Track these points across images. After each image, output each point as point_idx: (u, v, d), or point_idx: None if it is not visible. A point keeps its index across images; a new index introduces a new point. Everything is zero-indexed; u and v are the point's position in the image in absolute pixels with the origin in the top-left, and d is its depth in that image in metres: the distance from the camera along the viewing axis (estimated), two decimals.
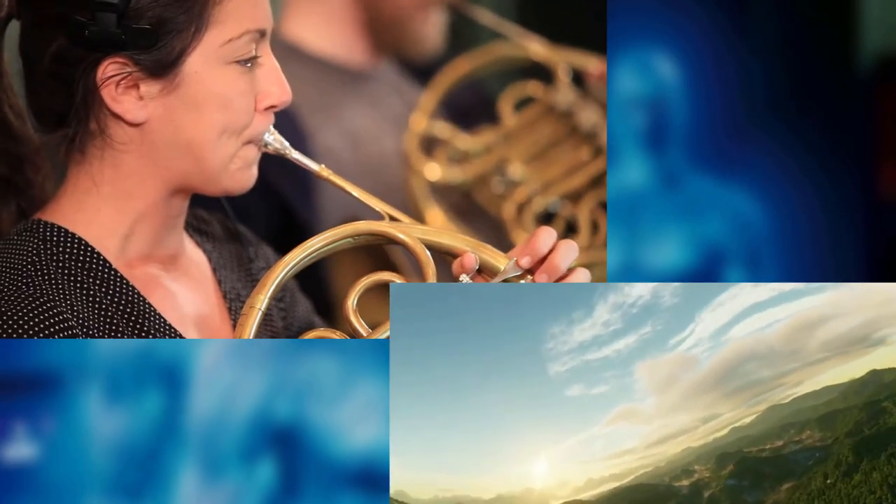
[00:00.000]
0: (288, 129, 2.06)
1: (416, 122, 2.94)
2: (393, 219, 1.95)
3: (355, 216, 2.00)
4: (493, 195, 2.92)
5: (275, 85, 1.97)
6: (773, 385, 1.95)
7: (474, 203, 2.94)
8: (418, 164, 2.91)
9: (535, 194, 2.90)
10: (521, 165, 2.91)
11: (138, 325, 1.94)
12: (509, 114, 2.96)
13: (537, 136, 2.93)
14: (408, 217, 1.95)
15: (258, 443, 1.83)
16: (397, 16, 3.00)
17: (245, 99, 1.94)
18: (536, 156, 2.92)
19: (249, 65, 1.95)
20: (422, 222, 2.75)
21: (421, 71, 3.17)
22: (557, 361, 1.93)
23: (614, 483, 1.93)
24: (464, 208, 2.94)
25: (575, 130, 2.92)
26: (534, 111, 2.95)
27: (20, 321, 1.86)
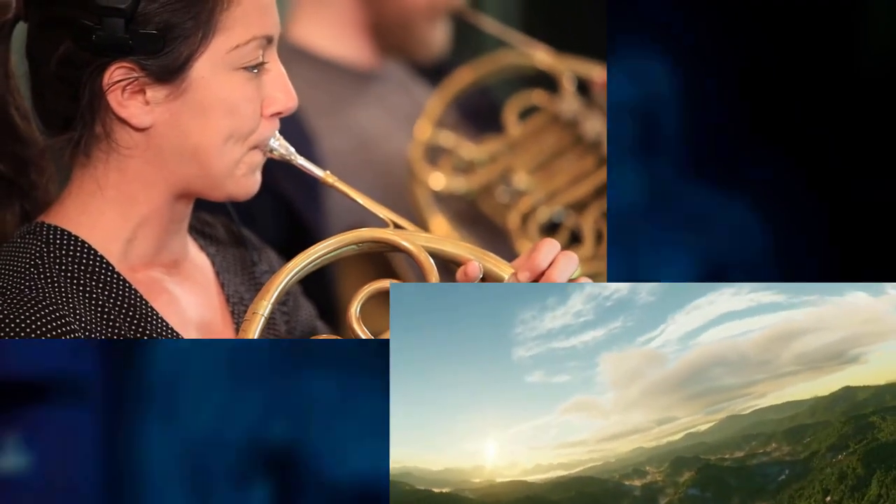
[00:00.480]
0: (295, 131, 2.06)
1: (421, 130, 2.94)
2: (397, 226, 1.95)
3: (361, 222, 2.00)
4: (497, 204, 2.92)
5: (281, 91, 1.97)
6: (736, 394, 1.94)
7: (479, 212, 2.94)
8: (422, 174, 2.91)
9: (540, 204, 2.90)
10: (526, 175, 2.91)
11: (141, 329, 1.94)
12: (514, 123, 2.96)
13: (542, 146, 2.93)
14: (412, 225, 1.95)
15: (254, 461, 1.84)
16: (403, 19, 3.01)
17: (251, 105, 1.94)
18: (541, 165, 2.92)
19: (256, 71, 1.95)
20: (426, 231, 2.76)
21: (427, 73, 3.17)
22: (523, 346, 1.93)
23: (562, 471, 1.92)
24: (468, 217, 2.94)
25: (580, 140, 2.92)
26: (538, 120, 2.95)
27: (22, 324, 1.86)
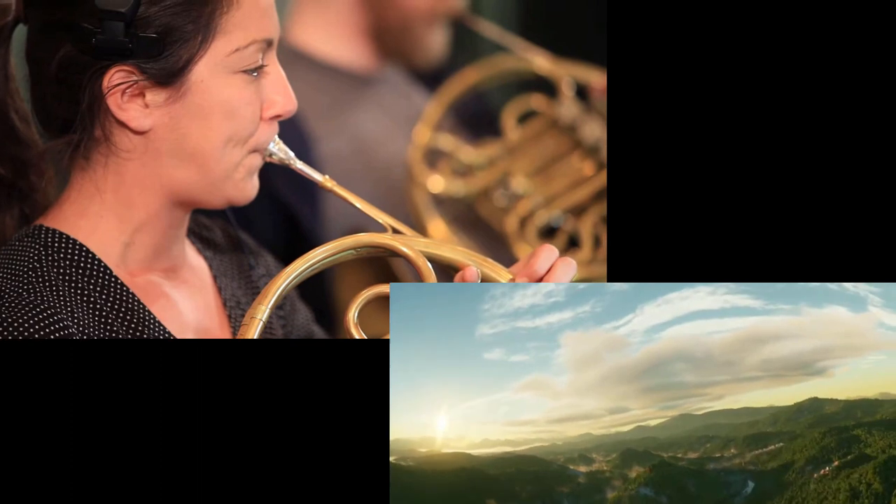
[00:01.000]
0: (295, 134, 2.06)
1: (421, 134, 2.94)
2: (396, 231, 1.95)
3: (358, 226, 2.01)
4: (495, 208, 2.92)
5: (280, 94, 1.97)
6: (692, 392, 1.92)
7: (477, 215, 2.94)
8: (421, 177, 2.91)
9: (538, 208, 2.90)
10: (525, 179, 2.91)
11: (138, 333, 1.94)
12: (513, 127, 2.96)
13: (541, 150, 2.93)
14: (411, 230, 1.95)
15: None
16: (402, 24, 3.01)
17: (251, 108, 1.94)
18: (540, 169, 2.92)
19: (256, 74, 1.95)
20: (424, 234, 2.76)
21: (426, 78, 3.18)
22: (488, 323, 1.92)
23: (508, 448, 1.92)
24: (466, 221, 2.94)
25: (578, 144, 2.92)
26: (537, 125, 2.95)
27: (20, 327, 1.86)
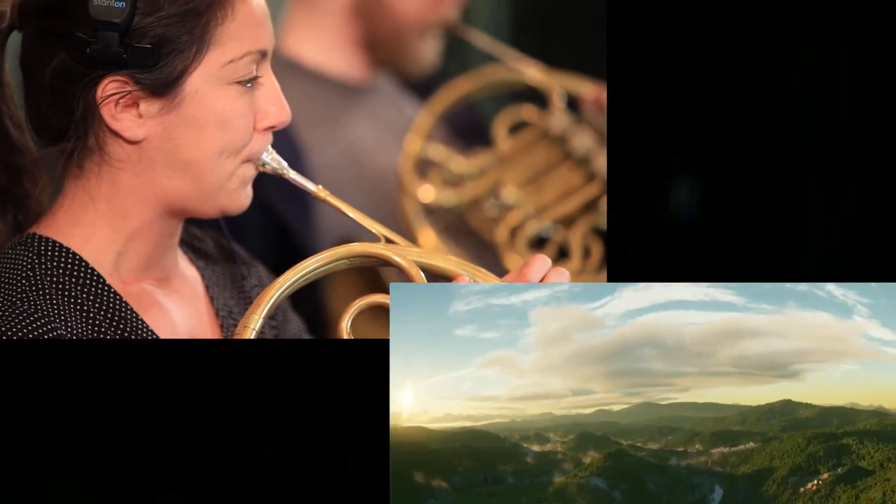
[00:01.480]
0: (287, 143, 2.06)
1: (412, 143, 2.94)
2: (389, 241, 1.96)
3: (351, 235, 2.01)
4: (486, 218, 2.92)
5: (274, 105, 1.97)
6: (658, 381, 1.90)
7: (467, 226, 2.95)
8: (412, 186, 2.91)
9: (529, 218, 2.90)
10: (515, 189, 2.92)
11: None
12: (503, 137, 2.96)
13: (531, 161, 2.93)
14: (403, 239, 1.96)
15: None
16: (394, 34, 3.02)
17: (244, 119, 1.95)
18: (530, 180, 2.93)
19: (250, 85, 1.95)
20: (414, 243, 2.76)
21: (417, 87, 3.18)
22: (463, 301, 1.93)
23: (468, 423, 1.92)
24: (457, 230, 2.94)
25: (569, 155, 2.93)
26: (528, 135, 2.96)
27: (14, 335, 1.86)
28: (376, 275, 2.61)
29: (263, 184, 2.03)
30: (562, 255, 2.90)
